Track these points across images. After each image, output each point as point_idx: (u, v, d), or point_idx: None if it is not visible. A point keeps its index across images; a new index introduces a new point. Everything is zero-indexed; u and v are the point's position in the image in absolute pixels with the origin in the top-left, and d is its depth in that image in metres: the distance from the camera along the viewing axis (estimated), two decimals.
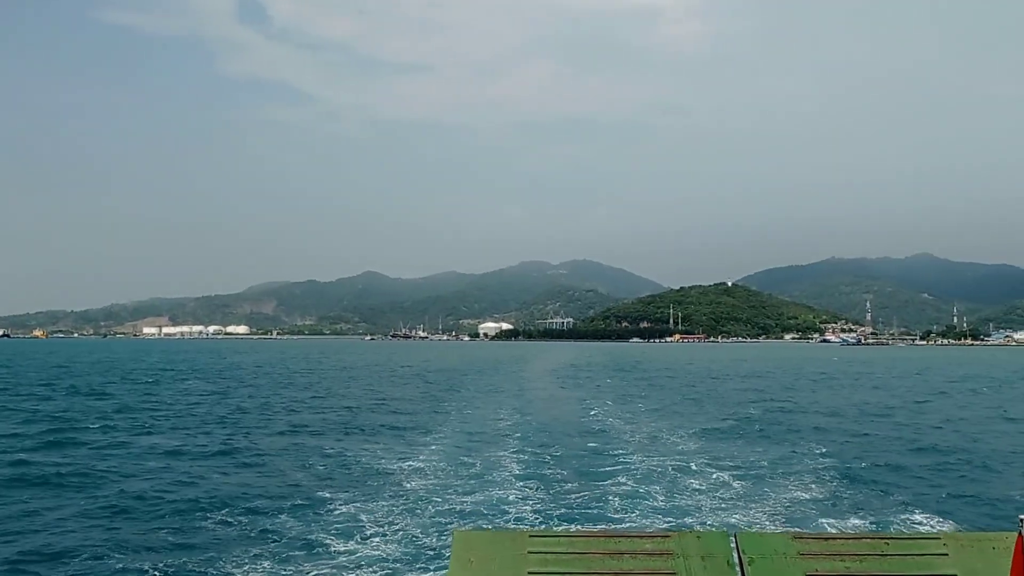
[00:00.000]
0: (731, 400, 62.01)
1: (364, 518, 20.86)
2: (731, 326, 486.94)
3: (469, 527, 19.01)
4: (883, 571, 5.83)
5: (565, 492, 24.34)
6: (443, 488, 24.86)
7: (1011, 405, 59.09)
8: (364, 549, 18.08)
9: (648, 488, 24.95)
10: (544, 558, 5.99)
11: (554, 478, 26.56)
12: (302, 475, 27.67)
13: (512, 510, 21.83)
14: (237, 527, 20.12)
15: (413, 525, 20.06)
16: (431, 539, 18.61)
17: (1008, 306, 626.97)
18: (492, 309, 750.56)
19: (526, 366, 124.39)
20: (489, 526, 19.48)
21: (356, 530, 19.67)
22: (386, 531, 19.53)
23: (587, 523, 20.25)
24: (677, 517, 21.36)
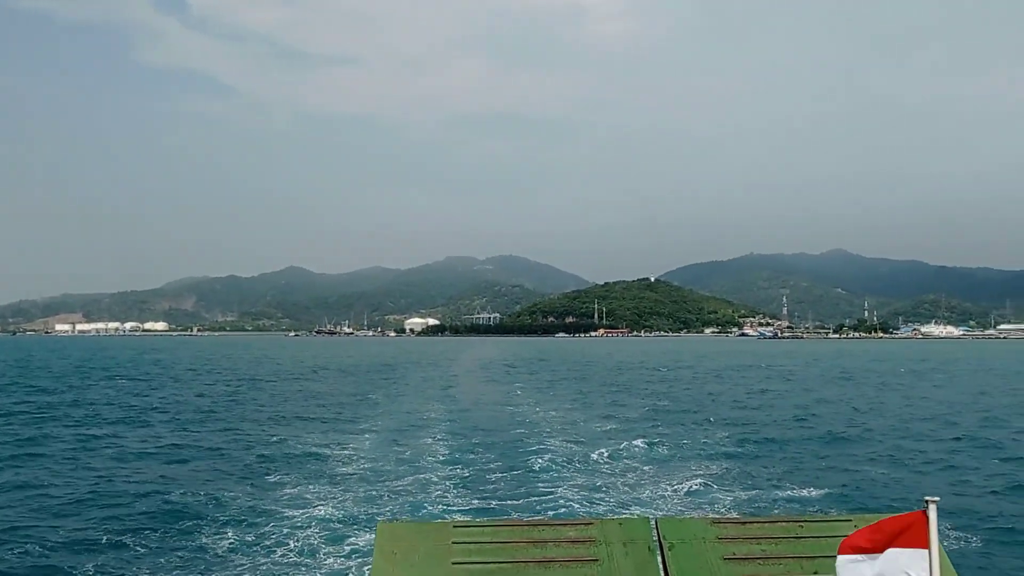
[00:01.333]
0: (650, 391, 63.61)
1: (308, 496, 21.48)
2: (654, 321, 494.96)
3: (394, 519, 19.11)
4: (797, 552, 6.02)
5: (490, 482, 24.69)
6: (374, 476, 25.03)
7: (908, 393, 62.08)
8: (307, 520, 18.52)
9: (571, 476, 25.50)
10: (468, 548, 6.04)
11: (480, 468, 26.88)
12: (251, 460, 28.59)
13: (438, 500, 22.04)
14: (195, 506, 21.27)
15: (343, 509, 20.16)
16: (357, 528, 18.74)
17: (916, 300, 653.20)
18: (418, 304, 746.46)
19: (453, 361, 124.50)
20: (413, 517, 19.60)
21: (302, 504, 20.35)
22: (321, 511, 19.66)
23: (511, 513, 20.57)
24: (600, 504, 21.92)
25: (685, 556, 6.01)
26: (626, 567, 5.97)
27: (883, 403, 54.14)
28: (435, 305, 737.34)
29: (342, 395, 58.57)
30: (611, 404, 52.17)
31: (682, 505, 21.62)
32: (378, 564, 5.98)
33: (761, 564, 5.97)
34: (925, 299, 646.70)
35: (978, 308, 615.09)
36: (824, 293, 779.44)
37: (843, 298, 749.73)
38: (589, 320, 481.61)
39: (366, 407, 48.78)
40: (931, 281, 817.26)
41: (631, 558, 6.01)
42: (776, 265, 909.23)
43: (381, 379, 77.59)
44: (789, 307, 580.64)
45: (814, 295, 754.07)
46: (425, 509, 20.95)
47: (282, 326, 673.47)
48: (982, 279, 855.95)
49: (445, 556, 6.00)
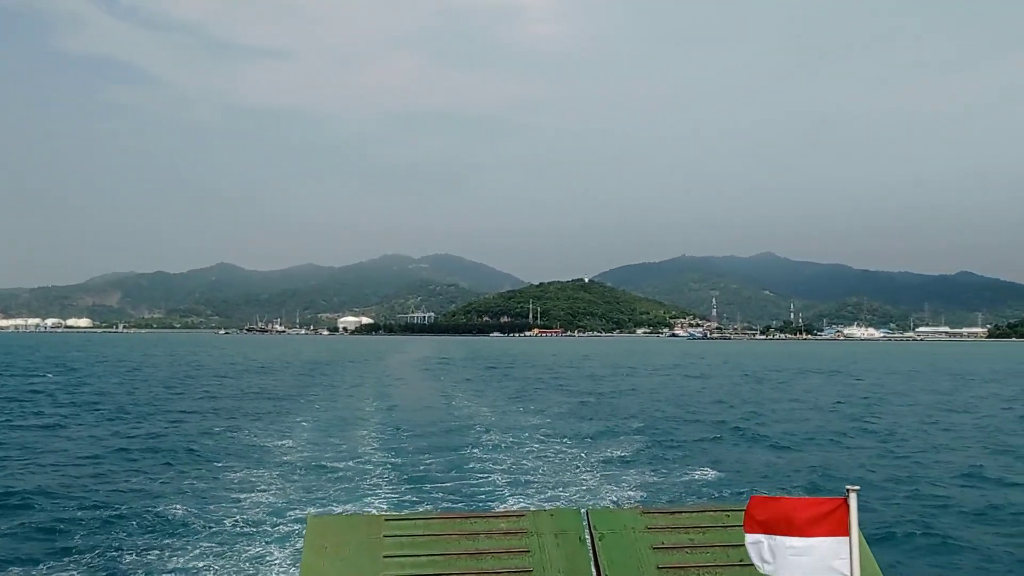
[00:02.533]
0: (580, 388, 64.60)
1: (238, 492, 21.05)
2: (587, 321, 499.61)
3: (324, 513, 18.97)
4: (724, 541, 6.18)
5: (423, 475, 24.83)
6: (306, 471, 24.95)
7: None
8: (237, 515, 18.35)
9: (504, 468, 25.84)
10: (399, 541, 6.07)
11: (413, 462, 26.99)
12: (181, 455, 28.60)
13: (370, 493, 22.08)
14: (121, 505, 21.13)
15: (273, 504, 20.10)
16: (289, 523, 18.68)
17: (840, 303, 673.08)
18: (352, 303, 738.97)
19: (388, 359, 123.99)
20: (344, 511, 19.54)
21: (232, 500, 20.14)
22: (252, 507, 19.53)
23: (443, 505, 20.72)
24: (532, 496, 22.26)
25: (615, 546, 6.10)
26: (557, 558, 6.03)
27: (776, 399, 56.44)
28: (369, 304, 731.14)
29: (275, 393, 57.91)
30: (542, 400, 52.93)
31: (613, 496, 22.04)
32: (308, 559, 5.94)
33: (689, 553, 6.08)
34: (849, 302, 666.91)
35: (898, 311, 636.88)
36: (753, 295, 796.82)
37: (771, 300, 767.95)
38: (524, 320, 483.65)
39: (299, 404, 48.41)
40: (855, 284, 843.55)
41: (562, 549, 6.09)
42: (707, 267, 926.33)
43: (315, 377, 76.92)
44: (719, 308, 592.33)
45: (743, 297, 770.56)
46: (357, 503, 20.92)
47: (212, 324, 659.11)
48: (903, 283, 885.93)
49: (376, 549, 6.00)
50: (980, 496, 23.40)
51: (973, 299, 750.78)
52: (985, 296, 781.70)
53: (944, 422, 43.33)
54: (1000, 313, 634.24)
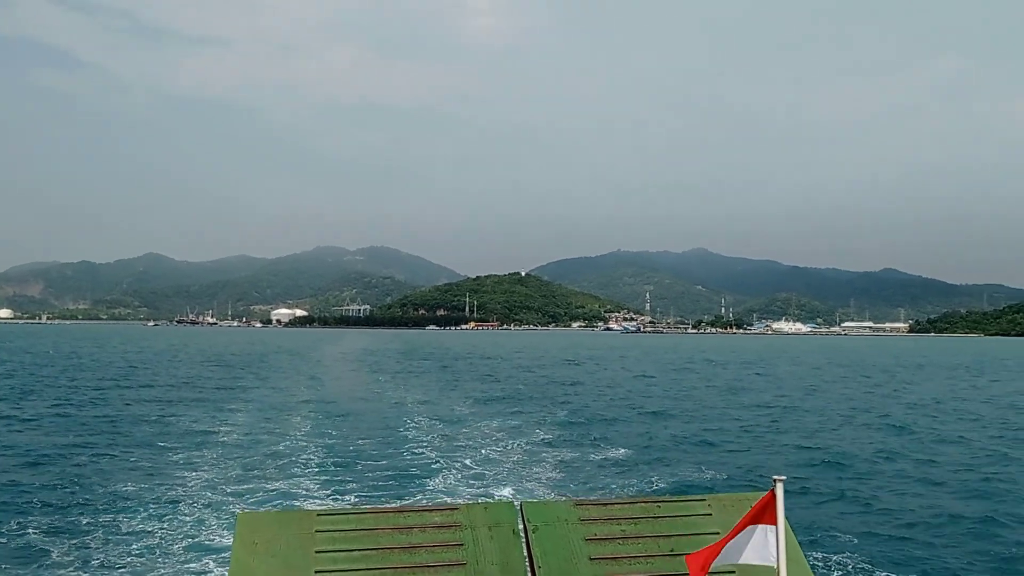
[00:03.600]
0: (515, 379, 64.97)
1: (167, 487, 20.52)
2: (524, 314, 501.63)
3: (254, 509, 18.68)
4: (655, 532, 6.28)
5: (357, 469, 24.63)
6: (236, 466, 24.51)
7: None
8: (164, 512, 17.94)
9: (438, 462, 25.77)
10: (332, 536, 6.05)
11: (346, 456, 26.77)
12: (109, 450, 28.18)
13: (302, 488, 21.85)
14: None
15: (202, 500, 19.70)
16: (219, 520, 18.39)
17: (770, 298, 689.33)
18: (285, 295, 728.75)
19: (322, 352, 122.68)
20: (275, 507, 19.19)
21: (160, 495, 19.59)
22: (180, 503, 19.13)
23: (377, 500, 20.59)
24: (462, 481, 22.51)
25: (548, 538, 6.16)
26: (490, 550, 6.07)
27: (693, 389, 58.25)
28: (303, 296, 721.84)
29: (208, 385, 56.71)
30: (477, 392, 53.11)
31: (546, 488, 22.16)
32: (238, 555, 5.89)
33: (621, 544, 6.16)
34: (778, 297, 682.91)
35: (825, 306, 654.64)
36: (686, 290, 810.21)
37: (703, 295, 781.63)
38: (460, 313, 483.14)
39: (231, 397, 47.51)
40: (784, 280, 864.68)
41: (496, 541, 6.12)
42: (642, 262, 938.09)
43: (249, 369, 75.59)
44: (652, 303, 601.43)
45: (676, 292, 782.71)
46: (288, 498, 20.65)
47: (140, 315, 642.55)
48: (830, 279, 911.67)
49: (308, 545, 5.97)
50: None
51: (897, 295, 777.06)
52: (908, 292, 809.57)
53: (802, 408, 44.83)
54: (922, 309, 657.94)
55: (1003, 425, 40.34)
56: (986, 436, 36.16)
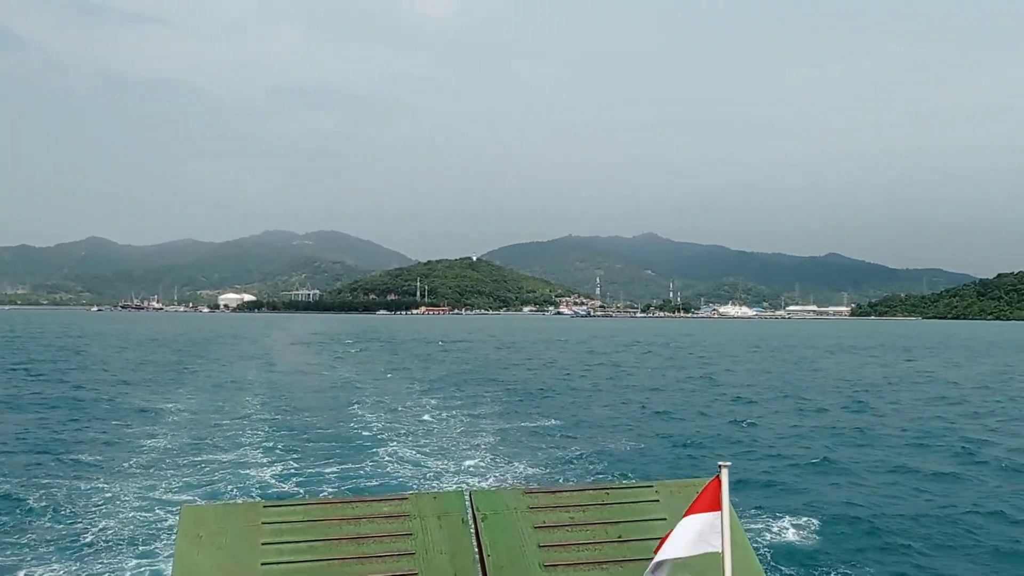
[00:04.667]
0: (463, 364, 65.11)
1: (109, 481, 20.04)
2: (475, 299, 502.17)
3: (199, 502, 18.40)
4: (603, 519, 6.34)
5: (305, 458, 24.39)
6: (181, 457, 24.03)
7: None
8: (106, 507, 17.45)
9: (388, 451, 25.64)
10: (279, 528, 5.99)
11: (295, 445, 26.52)
12: (46, 445, 27.01)
13: (249, 479, 21.62)
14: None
15: (147, 493, 19.25)
16: (162, 513, 18.00)
17: (718, 282, 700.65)
18: (233, 279, 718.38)
19: (271, 336, 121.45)
20: (221, 499, 18.95)
21: (100, 489, 19.00)
22: (123, 497, 18.71)
23: (326, 488, 20.51)
24: (413, 470, 22.47)
25: (497, 526, 6.21)
26: (439, 540, 6.09)
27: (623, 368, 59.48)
28: (251, 281, 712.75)
29: (153, 371, 55.75)
30: (425, 375, 53.32)
31: (490, 467, 22.50)
32: (181, 549, 5.80)
33: (569, 531, 6.22)
34: (726, 281, 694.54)
35: (771, 290, 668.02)
36: (636, 275, 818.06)
37: (653, 279, 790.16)
38: (411, 298, 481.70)
39: (177, 383, 46.76)
40: (732, 265, 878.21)
41: (445, 531, 6.15)
42: (593, 247, 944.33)
43: (195, 355, 74.45)
44: (603, 287, 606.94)
45: (626, 276, 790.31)
46: (235, 488, 20.42)
47: (83, 300, 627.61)
48: (776, 264, 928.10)
49: (255, 537, 5.92)
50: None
51: (840, 279, 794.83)
52: (851, 277, 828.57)
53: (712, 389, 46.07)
54: (864, 293, 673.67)
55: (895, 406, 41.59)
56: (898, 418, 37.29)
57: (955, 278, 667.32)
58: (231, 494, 19.87)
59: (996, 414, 38.77)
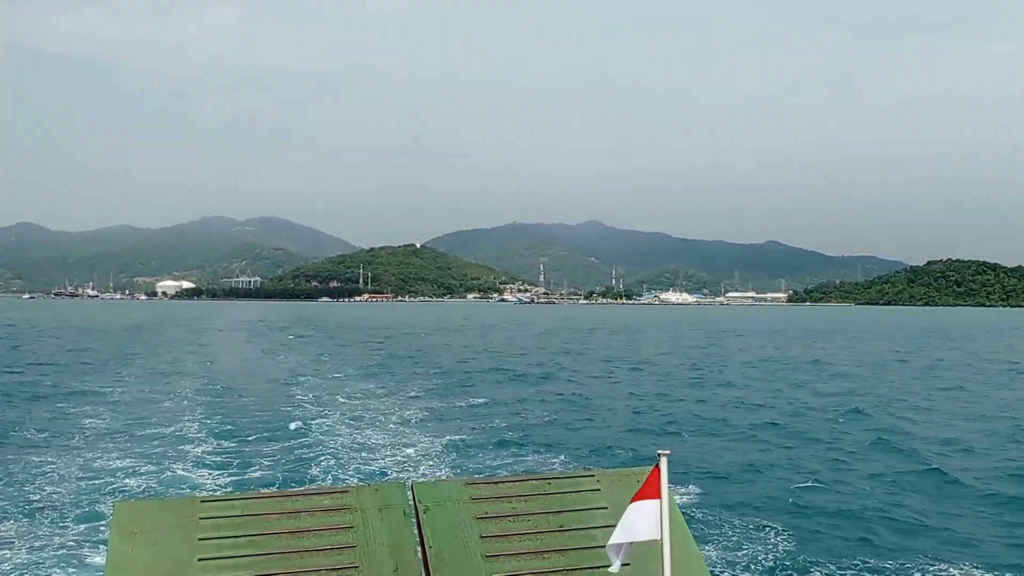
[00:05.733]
0: (402, 346, 65.56)
1: (37, 476, 19.50)
2: (419, 286, 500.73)
3: (133, 498, 17.77)
4: (545, 508, 6.41)
5: (244, 451, 24.16)
6: (113, 451, 23.64)
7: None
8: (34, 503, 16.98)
9: (330, 442, 25.49)
10: (216, 523, 5.92)
11: (233, 437, 26.28)
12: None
13: (186, 473, 21.32)
14: None
15: (78, 489, 18.89)
16: (96, 509, 17.66)
17: (660, 270, 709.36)
18: (171, 267, 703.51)
19: (210, 323, 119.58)
20: (156, 495, 18.61)
21: (26, 485, 18.63)
22: (52, 493, 18.32)
23: (266, 481, 20.38)
24: (353, 456, 22.61)
25: (439, 518, 6.24)
26: (381, 532, 6.10)
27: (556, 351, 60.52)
28: (190, 268, 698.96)
29: (89, 360, 54.91)
30: (368, 366, 53.25)
31: (438, 468, 22.37)
32: (115, 546, 5.70)
33: (512, 521, 6.28)
34: (667, 269, 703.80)
35: (711, 277, 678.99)
36: (579, 262, 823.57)
37: (596, 267, 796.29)
38: (354, 285, 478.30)
39: (113, 373, 46.08)
40: (674, 252, 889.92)
41: (386, 523, 6.16)
42: (537, 234, 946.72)
43: (131, 343, 73.22)
44: (547, 274, 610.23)
45: (570, 263, 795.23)
46: (170, 484, 20.12)
47: (12, 287, 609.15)
48: (717, 251, 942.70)
49: (191, 532, 5.84)
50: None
51: (778, 266, 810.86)
52: (789, 264, 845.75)
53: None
54: (801, 280, 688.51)
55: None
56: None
57: (888, 265, 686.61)
58: (166, 489, 19.58)
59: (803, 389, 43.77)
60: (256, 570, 5.73)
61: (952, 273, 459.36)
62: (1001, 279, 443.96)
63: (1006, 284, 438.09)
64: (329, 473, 21.48)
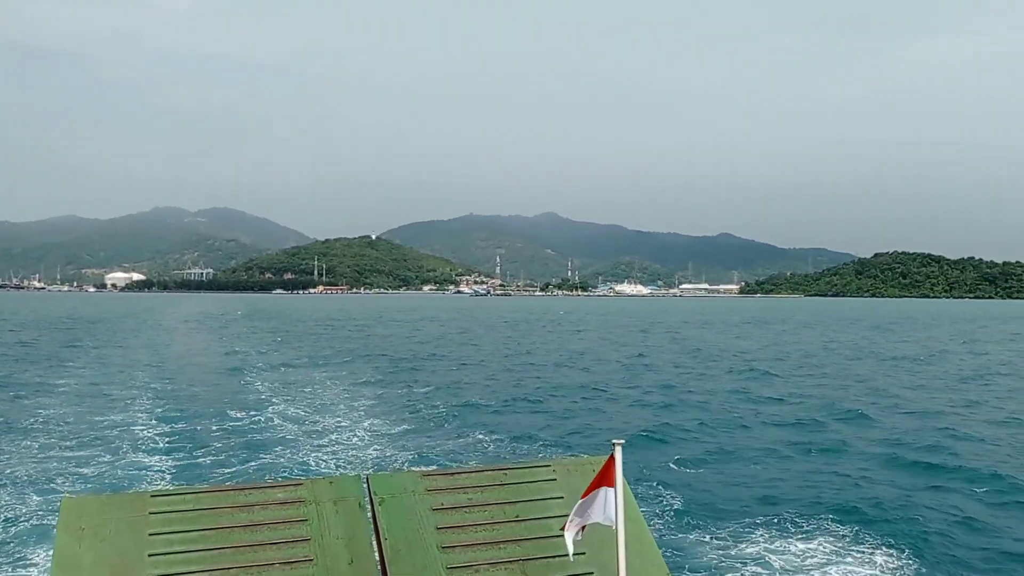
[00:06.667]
0: (353, 339, 65.62)
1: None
2: (374, 278, 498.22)
3: (81, 493, 16.55)
4: (501, 499, 6.44)
5: (197, 444, 23.96)
6: (64, 446, 23.25)
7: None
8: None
9: (285, 435, 25.48)
10: (167, 518, 5.85)
11: (186, 431, 26.04)
12: None
13: (137, 468, 21.07)
14: None
15: (20, 485, 18.50)
16: (41, 505, 17.44)
17: (615, 261, 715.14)
18: (121, 258, 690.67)
19: (161, 316, 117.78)
20: (105, 490, 17.98)
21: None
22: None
23: (219, 474, 20.32)
24: (312, 464, 22.11)
25: (395, 510, 6.25)
26: (336, 525, 6.10)
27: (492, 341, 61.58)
28: (141, 259, 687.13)
29: (34, 354, 54.07)
30: (322, 356, 53.26)
31: (395, 460, 22.41)
32: (62, 542, 5.61)
33: (468, 512, 6.30)
34: (623, 260, 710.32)
35: (666, 269, 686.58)
36: (536, 254, 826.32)
37: (552, 259, 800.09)
38: (309, 277, 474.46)
39: (61, 365, 45.42)
40: (629, 244, 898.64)
41: (341, 516, 6.16)
42: (494, 226, 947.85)
43: (81, 336, 72.18)
44: (504, 266, 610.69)
45: (527, 255, 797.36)
46: (119, 479, 19.88)
47: None
48: (671, 243, 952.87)
49: (141, 528, 5.76)
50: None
51: (731, 259, 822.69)
52: (742, 256, 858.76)
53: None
54: (753, 272, 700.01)
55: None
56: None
57: (839, 257, 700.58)
58: (115, 484, 19.37)
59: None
60: (209, 564, 5.67)
61: (898, 265, 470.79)
62: (945, 271, 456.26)
63: (949, 276, 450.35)
64: (283, 466, 21.37)
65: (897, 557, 14.88)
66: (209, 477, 20.17)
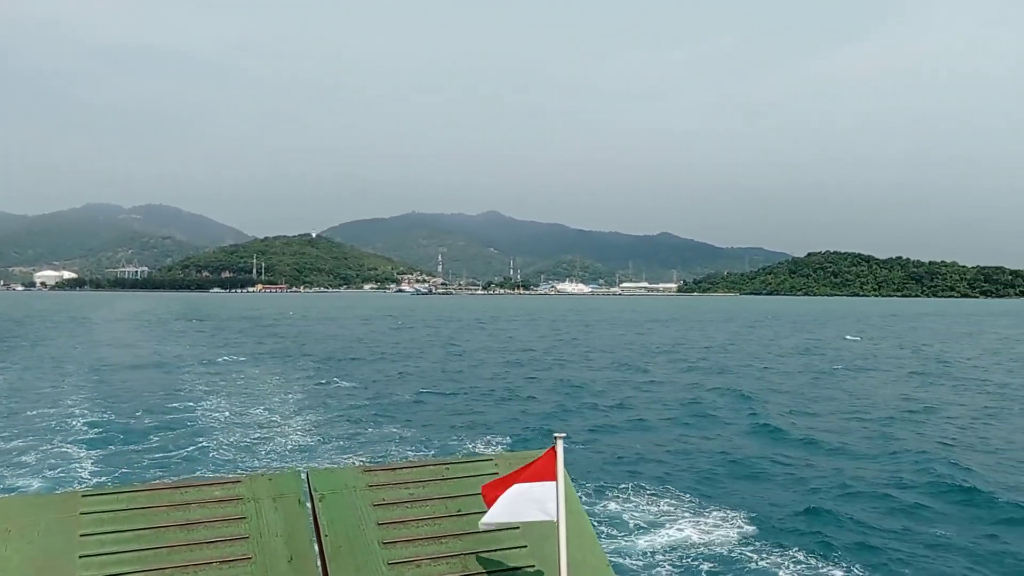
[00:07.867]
0: (288, 338, 65.81)
1: None
2: (314, 276, 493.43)
3: (7, 494, 17.40)
4: (443, 493, 6.40)
5: (129, 441, 23.88)
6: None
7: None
8: None
9: (219, 433, 25.57)
10: (100, 518, 5.72)
11: (120, 427, 26.01)
12: None
13: (67, 468, 20.97)
14: None
15: None
16: None
17: (557, 260, 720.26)
18: (51, 256, 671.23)
19: (93, 315, 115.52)
20: (32, 491, 18.27)
21: None
22: None
23: (153, 476, 20.33)
24: (251, 461, 22.31)
25: (335, 506, 6.22)
26: (275, 522, 6.01)
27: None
28: (72, 257, 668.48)
29: None
30: (258, 354, 53.65)
31: (335, 456, 22.70)
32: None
33: (409, 507, 6.29)
34: (564, 259, 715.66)
35: (607, 268, 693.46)
36: (478, 252, 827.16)
37: (495, 257, 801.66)
38: (247, 276, 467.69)
39: None
40: (571, 243, 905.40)
41: (280, 512, 6.08)
42: (436, 224, 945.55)
43: (10, 334, 70.94)
44: (446, 265, 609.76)
45: (469, 254, 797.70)
46: (48, 479, 19.77)
47: None
48: (613, 242, 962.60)
49: (71, 529, 5.59)
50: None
51: (671, 258, 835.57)
52: (681, 255, 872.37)
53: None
54: (692, 270, 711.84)
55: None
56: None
57: (775, 256, 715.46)
58: (43, 485, 19.32)
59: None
60: (143, 565, 5.50)
61: (830, 264, 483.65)
62: (874, 270, 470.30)
63: (878, 275, 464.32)
64: (220, 463, 21.45)
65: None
66: (143, 475, 20.23)
